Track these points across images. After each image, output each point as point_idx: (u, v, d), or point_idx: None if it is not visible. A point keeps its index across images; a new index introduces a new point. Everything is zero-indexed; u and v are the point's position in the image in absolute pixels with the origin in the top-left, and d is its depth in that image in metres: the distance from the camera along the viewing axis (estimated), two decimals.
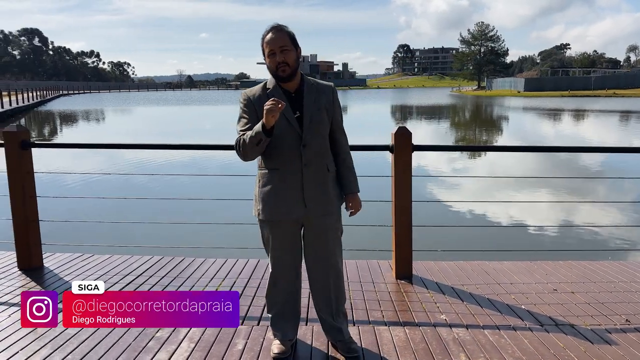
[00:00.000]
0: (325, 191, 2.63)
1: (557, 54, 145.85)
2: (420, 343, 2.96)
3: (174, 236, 6.79)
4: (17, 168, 4.06)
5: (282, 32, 2.52)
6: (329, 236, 2.72)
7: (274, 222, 2.64)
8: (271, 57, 2.52)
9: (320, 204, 2.62)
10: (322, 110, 2.62)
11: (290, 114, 2.56)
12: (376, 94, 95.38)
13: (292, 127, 2.55)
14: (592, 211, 8.79)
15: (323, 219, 2.66)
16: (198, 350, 2.88)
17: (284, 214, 2.60)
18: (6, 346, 2.92)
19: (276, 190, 2.58)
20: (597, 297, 3.61)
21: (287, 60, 2.51)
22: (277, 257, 2.72)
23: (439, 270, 4.15)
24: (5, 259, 4.41)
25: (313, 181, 2.58)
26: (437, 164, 13.86)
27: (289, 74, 2.54)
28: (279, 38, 2.51)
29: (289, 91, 2.60)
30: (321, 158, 2.62)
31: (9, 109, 33.18)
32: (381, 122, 31.19)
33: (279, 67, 2.51)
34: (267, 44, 2.52)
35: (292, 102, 2.58)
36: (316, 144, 2.60)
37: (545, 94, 66.85)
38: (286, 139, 2.55)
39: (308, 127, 2.57)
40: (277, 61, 2.50)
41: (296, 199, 2.58)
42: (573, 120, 31.34)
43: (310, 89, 2.63)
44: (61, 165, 13.29)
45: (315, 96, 2.62)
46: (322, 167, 2.62)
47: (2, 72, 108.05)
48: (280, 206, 2.59)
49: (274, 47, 2.50)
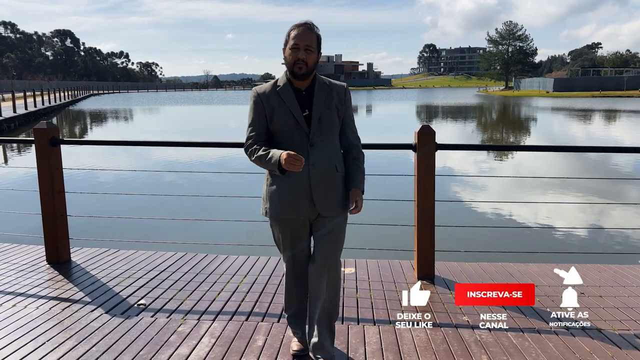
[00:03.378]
0: (334, 192, 2.58)
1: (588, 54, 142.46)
2: (442, 344, 2.92)
3: (198, 233, 6.87)
4: (46, 164, 4.16)
5: (311, 32, 2.50)
6: (333, 237, 2.63)
7: (282, 221, 2.62)
8: (293, 50, 2.48)
9: (328, 204, 2.56)
10: (333, 109, 2.57)
11: (298, 113, 2.52)
12: (400, 93, 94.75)
13: (300, 126, 2.51)
14: (622, 213, 8.54)
15: (330, 220, 2.61)
16: (219, 346, 2.90)
17: (291, 212, 2.57)
18: (33, 337, 3.00)
19: (283, 189, 2.55)
20: (627, 302, 3.51)
21: (308, 60, 2.48)
22: (289, 255, 2.70)
23: (462, 272, 4.10)
24: (34, 253, 4.54)
25: (321, 181, 2.53)
26: (461, 164, 13.69)
27: (304, 74, 2.50)
28: (307, 36, 2.48)
29: (299, 89, 2.56)
30: (329, 158, 2.56)
31: (42, 108, 34.12)
32: (404, 122, 30.95)
33: (296, 63, 2.48)
34: (294, 37, 2.48)
35: (301, 100, 2.54)
36: (324, 144, 2.55)
37: (575, 94, 65.29)
38: (294, 138, 2.52)
39: (316, 126, 2.53)
40: (298, 57, 2.47)
41: (303, 199, 2.53)
42: (604, 120, 30.52)
43: (322, 89, 2.58)
44: (89, 162, 13.60)
45: (326, 95, 2.57)
46: (331, 167, 2.56)
47: (36, 73, 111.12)
48: (286, 205, 2.56)
49: (300, 43, 2.47)
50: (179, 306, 3.46)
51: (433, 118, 34.33)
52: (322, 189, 2.53)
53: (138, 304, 3.49)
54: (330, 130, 2.57)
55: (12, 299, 3.58)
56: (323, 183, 2.53)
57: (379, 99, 66.08)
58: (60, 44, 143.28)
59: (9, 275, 4.02)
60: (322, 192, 2.53)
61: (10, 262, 4.35)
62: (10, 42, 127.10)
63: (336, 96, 2.59)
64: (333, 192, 2.57)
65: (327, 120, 2.55)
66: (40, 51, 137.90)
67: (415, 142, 3.82)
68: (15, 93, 32.32)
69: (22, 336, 3.01)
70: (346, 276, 3.97)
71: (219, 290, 3.73)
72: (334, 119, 2.58)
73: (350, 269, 4.13)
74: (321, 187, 2.53)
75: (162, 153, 14.83)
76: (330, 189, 2.56)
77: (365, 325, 3.17)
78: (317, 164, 2.51)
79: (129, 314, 3.34)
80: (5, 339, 2.98)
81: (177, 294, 3.65)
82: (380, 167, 11.63)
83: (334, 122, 2.59)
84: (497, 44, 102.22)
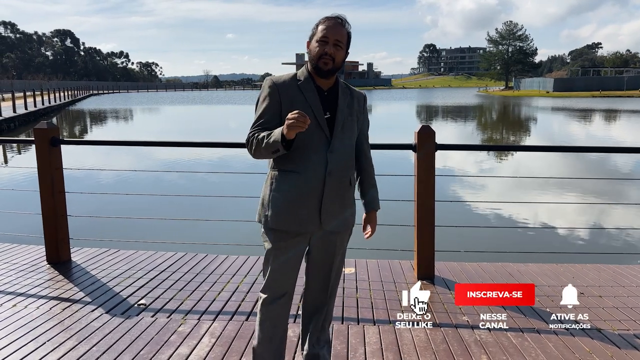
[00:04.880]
0: (344, 205, 2.35)
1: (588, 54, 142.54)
2: (442, 344, 2.93)
3: (198, 233, 6.87)
4: (47, 164, 4.17)
5: (344, 28, 2.26)
6: (337, 254, 2.42)
7: (282, 233, 2.29)
8: (321, 44, 2.23)
9: (336, 218, 2.32)
10: (354, 116, 2.37)
11: (320, 114, 2.26)
12: (401, 93, 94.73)
13: (321, 128, 2.26)
14: (621, 213, 8.54)
15: (336, 235, 2.37)
16: (219, 345, 2.91)
17: (297, 224, 2.27)
18: (33, 337, 3.01)
19: (290, 195, 2.25)
20: (626, 302, 3.51)
21: (335, 56, 2.23)
22: (280, 274, 2.33)
23: (462, 271, 4.10)
24: (34, 253, 4.54)
25: (334, 193, 2.28)
26: (461, 164, 13.69)
27: (329, 70, 2.25)
28: (339, 31, 2.24)
29: (321, 88, 2.31)
30: (346, 169, 2.33)
31: (42, 108, 34.11)
32: (404, 122, 30.95)
33: (322, 57, 2.22)
34: (324, 29, 2.24)
35: (323, 101, 2.29)
36: (344, 152, 2.31)
37: (575, 95, 65.32)
38: (312, 141, 2.24)
39: (339, 131, 2.29)
40: (325, 51, 2.22)
41: (313, 210, 2.26)
42: (604, 120, 30.53)
43: (344, 92, 2.37)
44: (89, 162, 13.60)
45: (349, 100, 2.37)
46: (345, 179, 2.33)
47: (35, 72, 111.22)
48: (293, 215, 2.25)
49: (330, 36, 2.22)
50: (179, 306, 3.46)
51: (433, 118, 34.35)
52: (333, 200, 2.29)
53: (138, 304, 3.50)
54: (350, 138, 2.36)
55: (13, 298, 3.58)
56: (335, 194, 2.29)
57: (379, 99, 66.03)
58: (60, 43, 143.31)
59: (9, 275, 4.02)
60: (331, 204, 2.28)
61: (10, 262, 4.35)
62: (10, 42, 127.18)
63: (357, 103, 2.41)
64: (343, 205, 2.34)
65: (349, 127, 2.35)
66: (40, 51, 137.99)
67: (416, 142, 3.83)
68: (15, 93, 32.31)
69: (22, 336, 3.01)
70: (346, 276, 3.98)
71: (219, 290, 3.73)
72: (354, 126, 2.39)
73: (350, 269, 4.14)
74: (332, 199, 2.28)
75: (162, 153, 14.84)
76: (340, 201, 2.32)
77: (365, 325, 3.17)
78: (334, 172, 2.26)
79: (129, 313, 3.34)
80: (5, 338, 2.98)
81: (177, 294, 3.66)
82: (380, 167, 11.49)
83: (354, 130, 2.39)
84: (497, 44, 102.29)
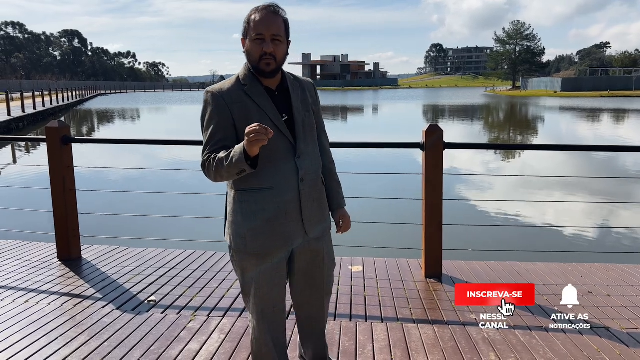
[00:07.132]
0: (321, 208, 2.18)
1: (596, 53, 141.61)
2: (450, 342, 2.94)
3: (207, 231, 6.91)
4: (58, 162, 4.22)
5: (278, 17, 2.00)
6: (325, 260, 2.24)
7: (267, 256, 2.07)
8: (257, 43, 1.98)
9: (318, 224, 2.15)
10: (310, 111, 2.16)
11: (277, 118, 2.03)
12: (407, 93, 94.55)
13: (283, 134, 2.03)
14: (630, 213, 8.50)
15: (321, 241, 2.20)
16: (228, 341, 2.94)
17: (284, 242, 2.07)
18: (46, 333, 3.05)
19: (270, 215, 2.03)
20: (635, 301, 3.51)
21: (276, 53, 1.99)
22: (266, 298, 2.13)
23: (470, 270, 4.11)
24: (45, 250, 4.60)
25: (311, 198, 2.11)
26: (469, 163, 13.66)
27: (273, 70, 2.02)
28: (273, 23, 1.98)
29: (270, 88, 2.07)
30: (316, 170, 2.15)
31: (50, 108, 34.36)
32: (411, 122, 30.90)
33: (263, 58, 1.98)
34: (256, 26, 1.98)
35: (276, 102, 2.06)
36: (311, 154, 2.12)
37: (583, 94, 64.90)
38: (278, 150, 2.02)
39: (301, 132, 2.09)
40: (264, 51, 1.97)
41: (296, 222, 2.07)
42: (613, 120, 30.31)
43: (294, 87, 2.14)
44: (99, 160, 13.70)
45: (301, 95, 2.14)
46: (318, 181, 2.15)
47: (44, 72, 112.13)
48: (278, 234, 2.05)
49: (265, 32, 1.97)
50: (189, 303, 3.50)
51: (440, 118, 34.26)
52: (312, 206, 2.12)
53: (148, 300, 3.54)
54: (312, 136, 2.16)
55: (25, 295, 3.63)
56: (313, 200, 2.12)
57: (385, 99, 65.97)
58: (68, 44, 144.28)
59: (21, 272, 4.08)
60: (312, 211, 2.12)
61: (22, 259, 4.41)
62: (19, 42, 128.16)
63: (309, 95, 2.18)
64: (320, 208, 2.18)
65: (309, 125, 2.14)
66: (48, 51, 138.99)
67: (423, 141, 3.84)
68: (23, 93, 32.57)
69: (34, 331, 3.06)
70: (354, 274, 4.00)
71: (228, 287, 3.77)
72: (313, 122, 2.18)
73: (358, 267, 4.16)
74: (311, 205, 2.11)
75: (171, 152, 14.92)
76: (318, 204, 2.16)
77: (373, 322, 3.19)
78: (306, 178, 2.07)
79: (139, 310, 3.38)
80: (18, 334, 3.03)
81: (186, 291, 3.69)
82: (388, 165, 11.61)
83: (314, 127, 2.18)
84: (505, 44, 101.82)
